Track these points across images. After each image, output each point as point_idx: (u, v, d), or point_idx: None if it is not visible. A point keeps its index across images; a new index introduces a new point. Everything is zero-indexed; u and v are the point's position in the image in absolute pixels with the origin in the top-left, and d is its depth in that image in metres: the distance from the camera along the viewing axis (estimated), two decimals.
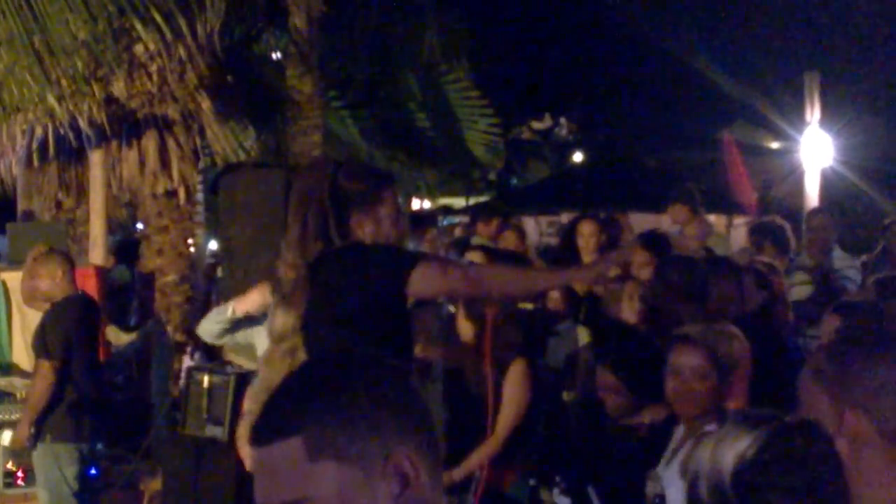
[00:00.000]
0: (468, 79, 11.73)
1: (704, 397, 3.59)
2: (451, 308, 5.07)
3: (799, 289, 7.57)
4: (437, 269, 3.57)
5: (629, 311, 5.34)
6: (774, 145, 19.82)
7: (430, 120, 11.71)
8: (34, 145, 9.02)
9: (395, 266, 3.55)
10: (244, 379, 6.31)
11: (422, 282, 3.51)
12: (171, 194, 9.00)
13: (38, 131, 8.81)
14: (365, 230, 3.64)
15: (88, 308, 6.71)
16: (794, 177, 15.92)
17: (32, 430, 6.39)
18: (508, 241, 7.24)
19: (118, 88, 8.48)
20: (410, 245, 4.49)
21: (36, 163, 9.25)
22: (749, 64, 20.62)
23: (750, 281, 5.55)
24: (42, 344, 6.45)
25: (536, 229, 15.41)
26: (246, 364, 6.64)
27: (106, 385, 6.89)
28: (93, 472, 6.56)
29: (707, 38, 20.24)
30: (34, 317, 7.76)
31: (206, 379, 6.64)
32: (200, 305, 9.02)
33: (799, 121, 15.31)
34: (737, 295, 5.01)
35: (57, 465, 6.45)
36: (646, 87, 22.32)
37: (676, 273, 4.99)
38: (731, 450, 1.77)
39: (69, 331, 6.41)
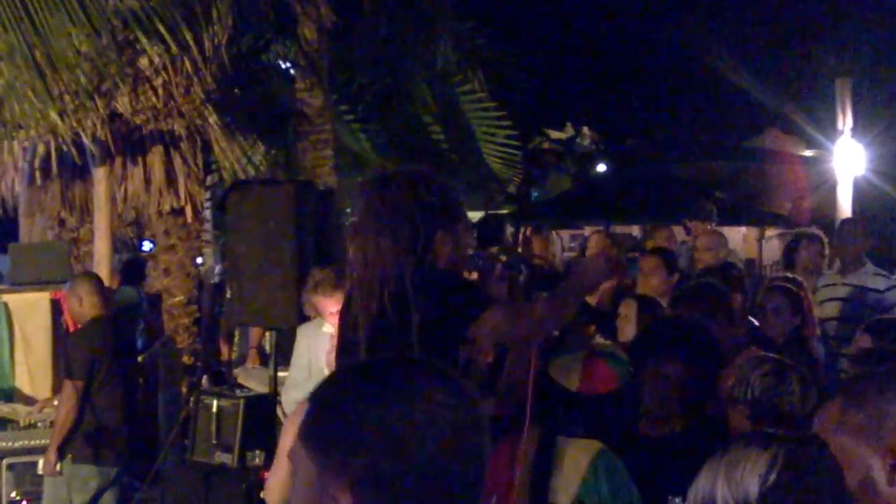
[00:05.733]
0: (484, 89, 11.50)
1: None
2: None
3: (830, 304, 7.30)
4: (505, 316, 3.51)
5: (627, 331, 5.03)
6: (806, 154, 19.48)
7: (445, 132, 11.53)
8: (36, 163, 8.84)
9: (466, 305, 3.47)
10: (253, 403, 6.11)
11: (487, 326, 3.46)
12: (178, 212, 8.83)
13: (41, 148, 8.64)
14: (446, 247, 3.55)
15: (114, 331, 6.64)
16: (826, 186, 15.68)
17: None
18: (536, 245, 7.20)
19: (122, 103, 8.30)
20: None
21: (38, 181, 9.06)
22: (780, 71, 20.33)
23: (784, 303, 5.34)
24: (66, 365, 6.44)
25: (559, 244, 15.11)
26: (256, 388, 6.43)
27: (132, 408, 6.74)
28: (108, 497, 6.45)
29: (737, 44, 19.93)
30: (36, 340, 7.67)
31: (214, 403, 6.45)
32: (207, 326, 8.84)
33: (831, 129, 15.06)
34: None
35: (67, 488, 6.35)
36: (673, 95, 22.05)
37: None
38: (751, 475, 1.69)
39: (93, 352, 6.37)
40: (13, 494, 6.87)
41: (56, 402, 6.69)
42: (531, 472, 3.49)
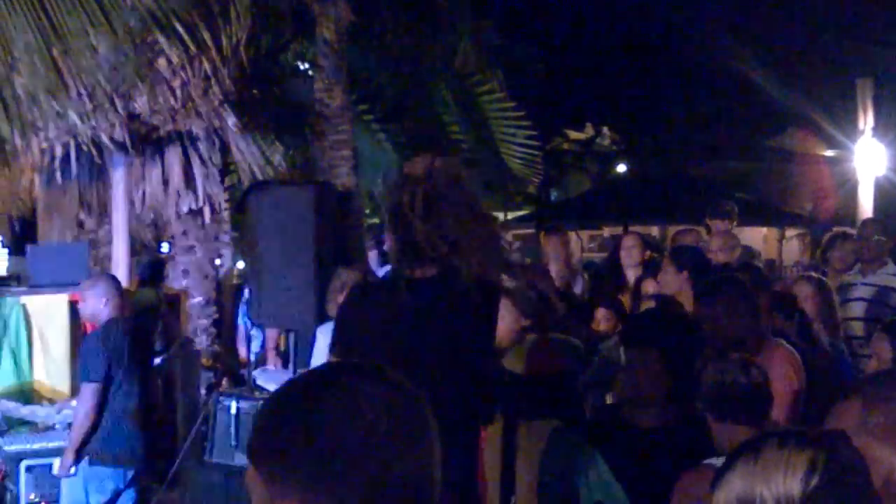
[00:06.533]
0: (503, 89, 11.43)
1: None
2: None
3: (851, 304, 7.25)
4: None
5: None
6: (827, 154, 19.36)
7: (465, 132, 11.47)
8: (55, 164, 8.82)
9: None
10: None
11: None
12: (196, 213, 8.81)
13: (59, 150, 8.61)
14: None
15: (132, 332, 6.56)
16: (847, 186, 15.60)
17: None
18: (549, 247, 7.18)
19: (140, 104, 8.28)
20: None
21: (58, 181, 9.03)
22: (800, 70, 20.17)
23: (778, 321, 5.30)
24: (84, 366, 6.37)
25: (578, 244, 15.04)
26: (275, 389, 6.39)
27: (150, 410, 6.66)
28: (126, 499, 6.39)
29: (758, 44, 19.80)
30: (55, 342, 7.63)
31: (233, 405, 6.43)
32: (227, 328, 8.81)
33: (852, 129, 14.96)
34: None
35: (84, 490, 6.29)
36: (693, 95, 21.91)
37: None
38: (793, 478, 1.68)
39: (111, 354, 6.30)
40: (32, 496, 6.82)
41: (74, 404, 6.67)
42: (498, 457, 3.56)
